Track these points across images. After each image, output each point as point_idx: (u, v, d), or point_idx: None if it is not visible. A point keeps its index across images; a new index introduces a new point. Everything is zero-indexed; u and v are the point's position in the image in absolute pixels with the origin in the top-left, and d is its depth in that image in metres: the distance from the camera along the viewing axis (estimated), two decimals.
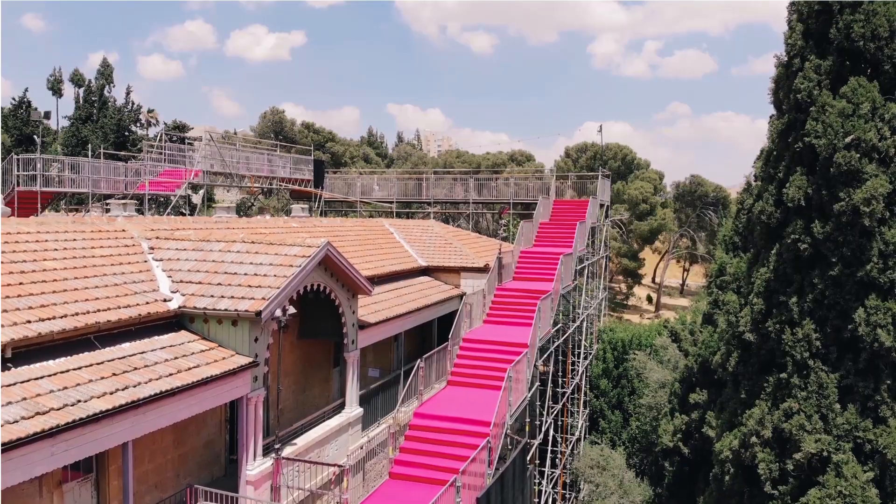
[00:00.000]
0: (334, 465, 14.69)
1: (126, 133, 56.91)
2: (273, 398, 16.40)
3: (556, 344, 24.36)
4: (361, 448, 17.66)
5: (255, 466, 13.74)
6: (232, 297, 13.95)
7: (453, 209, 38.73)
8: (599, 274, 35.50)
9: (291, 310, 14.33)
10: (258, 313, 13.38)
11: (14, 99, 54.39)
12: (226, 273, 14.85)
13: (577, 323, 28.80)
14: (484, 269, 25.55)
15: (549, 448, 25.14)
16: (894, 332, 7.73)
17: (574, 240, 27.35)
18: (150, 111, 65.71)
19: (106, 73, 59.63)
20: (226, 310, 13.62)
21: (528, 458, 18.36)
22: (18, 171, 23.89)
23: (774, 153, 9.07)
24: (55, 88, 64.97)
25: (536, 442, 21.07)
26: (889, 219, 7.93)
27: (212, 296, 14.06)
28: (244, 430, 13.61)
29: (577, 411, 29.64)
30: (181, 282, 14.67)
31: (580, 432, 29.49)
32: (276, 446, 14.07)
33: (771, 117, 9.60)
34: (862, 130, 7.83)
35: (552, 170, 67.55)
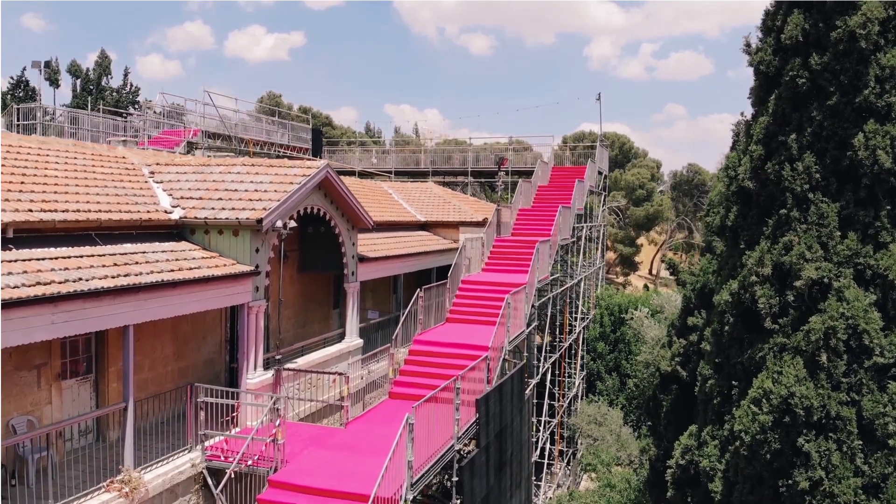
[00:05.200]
0: (335, 373, 14.70)
1: (124, 115, 56.82)
2: (274, 327, 16.44)
3: (554, 293, 24.40)
4: (362, 378, 17.68)
5: (255, 376, 13.73)
6: (233, 208, 13.99)
7: (451, 178, 38.82)
8: (598, 239, 35.61)
9: (292, 223, 14.36)
10: (259, 221, 13.41)
11: (12, 78, 54.36)
12: (226, 190, 14.88)
13: (575, 281, 28.87)
14: (482, 223, 25.62)
15: (546, 401, 25.16)
16: (893, 154, 7.84)
17: (573, 197, 27.44)
18: (147, 102, 65.50)
19: (104, 64, 59.50)
20: (227, 219, 13.65)
21: (527, 391, 18.38)
22: (18, 121, 23.90)
23: (772, 9, 9.17)
24: (52, 79, 64.78)
25: (534, 381, 21.09)
26: (884, 45, 8.11)
27: (212, 208, 14.09)
28: (245, 337, 13.61)
29: (574, 373, 29.67)
30: (182, 198, 14.69)
31: (577, 391, 29.54)
32: (277, 357, 14.07)
33: None
34: None
35: (550, 158, 67.55)
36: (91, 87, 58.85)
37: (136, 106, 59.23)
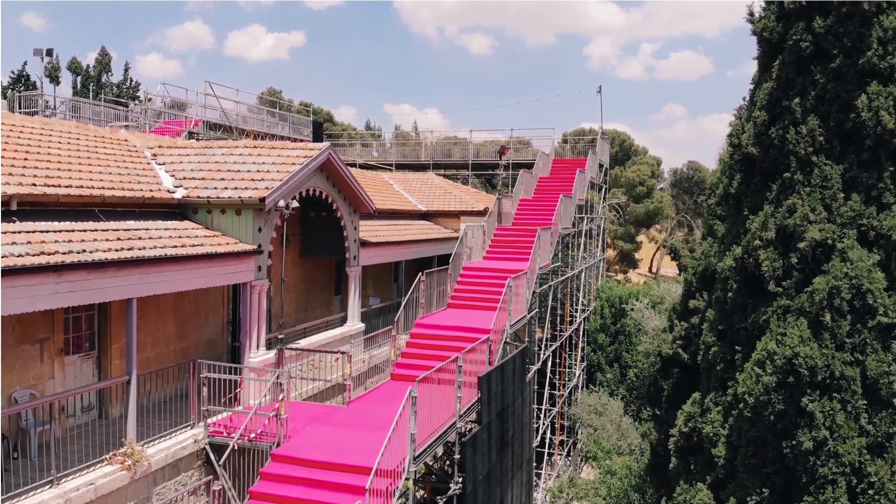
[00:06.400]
0: (337, 352, 14.71)
1: (126, 106, 56.66)
2: (276, 310, 16.43)
3: (554, 281, 24.41)
4: (364, 362, 17.69)
5: (258, 355, 13.74)
6: (235, 188, 14.00)
7: (452, 172, 38.77)
8: (598, 234, 35.62)
9: (294, 204, 14.36)
10: (262, 200, 13.43)
11: (13, 72, 54.35)
12: (229, 171, 14.89)
13: (576, 271, 28.88)
14: (483, 213, 25.62)
15: (547, 391, 25.17)
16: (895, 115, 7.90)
17: (574, 186, 27.44)
18: (148, 99, 65.38)
19: (104, 61, 59.36)
20: (229, 198, 13.66)
21: (528, 375, 18.39)
22: (20, 108, 23.91)
23: None
24: (52, 75, 64.54)
25: (535, 368, 21.10)
26: (886, 8, 8.16)
27: (215, 188, 14.10)
28: (247, 316, 13.63)
29: (575, 364, 29.67)
30: (184, 178, 14.70)
31: (577, 382, 29.54)
32: (280, 337, 14.07)
33: None
34: None
35: (551, 150, 67.49)
36: (91, 83, 58.77)
37: (137, 101, 59.19)
